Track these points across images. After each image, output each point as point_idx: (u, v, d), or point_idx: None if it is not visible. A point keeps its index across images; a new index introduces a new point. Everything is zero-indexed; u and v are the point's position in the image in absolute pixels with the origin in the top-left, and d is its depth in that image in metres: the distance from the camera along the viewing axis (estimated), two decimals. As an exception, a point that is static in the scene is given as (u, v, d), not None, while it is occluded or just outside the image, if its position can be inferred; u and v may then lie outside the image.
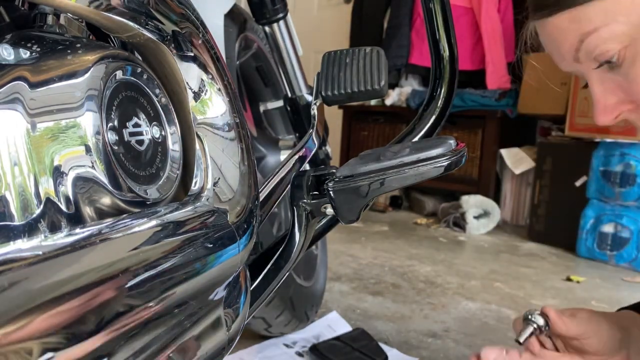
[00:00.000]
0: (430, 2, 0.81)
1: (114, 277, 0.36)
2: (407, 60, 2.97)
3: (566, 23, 0.57)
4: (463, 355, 1.22)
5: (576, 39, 0.57)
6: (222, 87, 0.55)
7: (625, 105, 0.59)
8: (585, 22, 0.55)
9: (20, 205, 0.34)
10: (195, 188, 0.51)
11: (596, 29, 0.55)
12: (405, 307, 1.50)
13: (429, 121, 0.85)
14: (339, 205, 0.55)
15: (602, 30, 0.54)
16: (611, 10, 0.54)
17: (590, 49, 0.56)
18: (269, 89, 1.30)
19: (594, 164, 2.11)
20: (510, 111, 2.70)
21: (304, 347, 1.19)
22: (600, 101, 0.60)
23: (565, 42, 0.59)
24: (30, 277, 0.31)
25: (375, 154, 0.56)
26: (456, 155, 0.52)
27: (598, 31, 0.55)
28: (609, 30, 0.54)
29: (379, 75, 0.70)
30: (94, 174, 0.39)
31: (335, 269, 1.82)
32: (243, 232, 0.53)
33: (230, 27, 1.07)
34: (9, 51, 0.37)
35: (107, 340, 0.36)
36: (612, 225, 2.06)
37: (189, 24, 0.52)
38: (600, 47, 0.55)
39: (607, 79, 0.58)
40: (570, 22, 0.57)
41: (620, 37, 0.54)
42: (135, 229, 0.41)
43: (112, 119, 0.42)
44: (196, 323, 0.47)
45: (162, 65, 0.51)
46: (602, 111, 0.60)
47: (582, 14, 0.55)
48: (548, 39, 0.62)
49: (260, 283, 0.61)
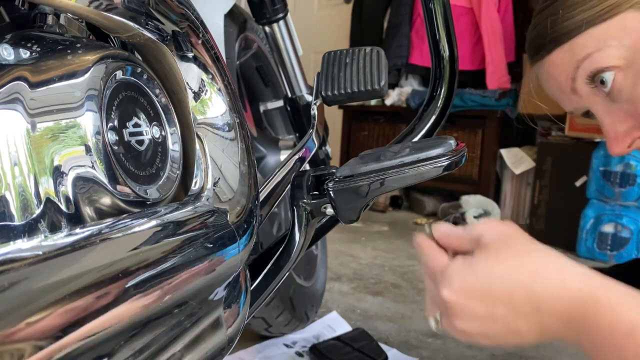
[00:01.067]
0: (430, 2, 0.81)
1: (114, 277, 0.36)
2: (407, 60, 2.97)
3: (561, 57, 0.59)
4: (463, 355, 1.22)
5: (572, 67, 0.59)
6: (222, 87, 0.55)
7: (637, 132, 0.59)
8: (579, 51, 0.57)
9: (20, 205, 0.34)
10: (195, 188, 0.51)
11: (589, 55, 0.57)
12: (405, 307, 1.50)
13: (429, 121, 0.85)
14: (339, 205, 0.55)
15: (596, 55, 0.56)
16: (602, 35, 0.56)
17: (586, 73, 0.58)
18: (269, 89, 1.30)
19: (594, 164, 2.11)
20: (510, 111, 2.70)
21: (304, 347, 1.19)
22: (610, 131, 0.60)
23: (562, 74, 0.60)
24: (30, 277, 0.31)
25: (376, 154, 0.56)
26: (456, 155, 0.52)
27: (592, 56, 0.57)
28: (602, 54, 0.56)
29: (379, 75, 0.70)
30: (94, 174, 0.39)
31: (335, 269, 1.82)
32: (243, 232, 0.53)
33: (230, 27, 1.07)
34: (9, 51, 0.37)
35: (107, 340, 0.36)
36: (612, 225, 2.06)
37: (189, 24, 0.52)
38: (595, 66, 0.57)
39: (614, 109, 0.59)
40: (565, 54, 0.59)
41: (614, 59, 0.56)
42: (135, 229, 0.41)
43: (112, 119, 0.42)
44: (196, 323, 0.47)
45: (162, 65, 0.51)
46: (614, 141, 0.60)
47: (576, 44, 0.57)
48: (547, 78, 0.63)
49: (260, 283, 0.61)
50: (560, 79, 0.61)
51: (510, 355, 1.24)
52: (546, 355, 1.25)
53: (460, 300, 0.46)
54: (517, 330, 0.46)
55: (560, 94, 0.63)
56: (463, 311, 0.47)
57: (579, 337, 0.44)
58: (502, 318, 0.46)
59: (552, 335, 0.46)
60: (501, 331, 0.46)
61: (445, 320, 0.49)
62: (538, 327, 0.45)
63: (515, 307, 0.45)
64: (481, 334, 0.47)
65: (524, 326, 0.45)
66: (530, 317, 0.45)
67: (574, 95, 0.61)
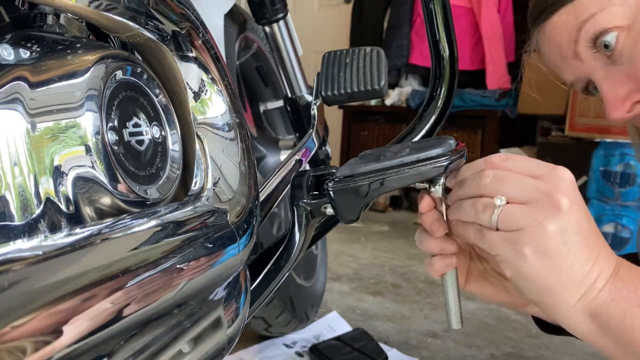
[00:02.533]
0: (430, 2, 0.81)
1: (114, 277, 0.36)
2: (407, 60, 2.97)
3: (564, 18, 0.58)
4: (463, 355, 1.22)
5: (574, 29, 0.57)
6: (222, 87, 0.55)
7: (636, 95, 0.58)
8: (582, 12, 0.56)
9: (20, 205, 0.34)
10: (195, 188, 0.51)
11: (592, 15, 0.55)
12: (405, 307, 1.50)
13: (429, 121, 0.85)
14: (339, 205, 0.55)
15: (599, 15, 0.55)
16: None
17: (588, 35, 0.56)
18: (269, 89, 1.30)
19: (594, 164, 2.10)
20: (510, 111, 2.70)
21: (304, 347, 1.19)
22: (610, 96, 0.59)
23: (564, 37, 0.59)
24: (30, 277, 0.31)
25: (375, 154, 0.56)
26: (456, 155, 0.52)
27: (595, 16, 0.55)
28: (605, 14, 0.55)
29: (379, 75, 0.70)
30: (94, 174, 0.39)
31: (335, 269, 1.82)
32: (243, 232, 0.53)
33: (230, 27, 1.07)
34: (9, 51, 0.37)
35: (107, 340, 0.36)
36: (612, 225, 2.06)
37: (189, 24, 0.52)
38: (598, 28, 0.55)
39: (613, 72, 0.58)
40: (568, 15, 0.57)
41: (617, 18, 0.55)
42: (135, 229, 0.41)
43: (112, 119, 0.42)
44: (196, 323, 0.47)
45: (162, 65, 0.51)
46: (614, 105, 0.59)
47: (579, 4, 0.56)
48: (549, 44, 0.62)
49: (260, 283, 0.61)
50: (563, 43, 0.59)
51: (510, 355, 1.24)
52: (546, 355, 1.25)
53: (575, 205, 0.45)
54: (571, 265, 0.45)
55: (561, 61, 0.61)
56: (567, 216, 0.44)
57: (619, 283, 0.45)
58: (576, 242, 0.45)
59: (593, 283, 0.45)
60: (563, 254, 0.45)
61: (527, 212, 0.45)
62: (591, 268, 0.45)
63: (589, 238, 0.45)
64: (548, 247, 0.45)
65: (579, 262, 0.45)
66: (591, 255, 0.45)
67: (576, 61, 0.59)
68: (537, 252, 0.44)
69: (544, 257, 0.44)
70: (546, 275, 0.45)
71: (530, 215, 0.45)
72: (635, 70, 0.56)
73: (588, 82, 0.62)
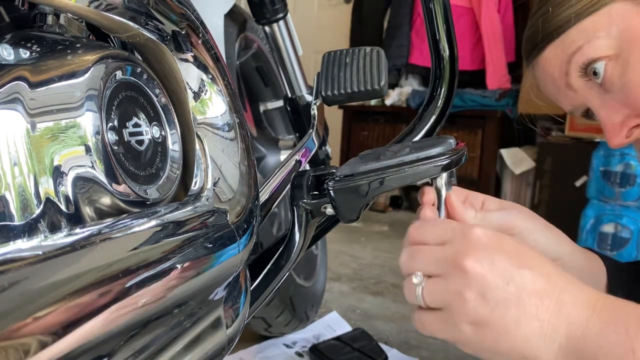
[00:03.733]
0: (430, 2, 0.81)
1: (114, 278, 0.36)
2: (407, 60, 2.97)
3: (554, 52, 0.61)
4: (463, 355, 1.22)
5: (564, 62, 0.60)
6: (222, 87, 0.55)
7: (633, 120, 0.59)
8: (569, 45, 0.59)
9: (20, 205, 0.34)
10: (195, 188, 0.51)
11: (580, 47, 0.58)
12: (405, 307, 1.50)
13: (429, 121, 0.85)
14: (339, 204, 0.55)
15: (585, 47, 0.57)
16: (591, 28, 0.57)
17: (578, 65, 0.59)
18: (269, 89, 1.30)
19: (594, 164, 2.10)
20: (510, 111, 2.70)
21: (304, 347, 1.19)
22: (608, 123, 0.61)
23: (556, 70, 0.61)
24: (30, 277, 0.31)
25: (375, 153, 0.56)
26: (456, 154, 0.52)
27: (582, 48, 0.58)
28: (591, 45, 0.57)
29: (379, 75, 0.70)
30: (93, 174, 0.39)
31: (335, 269, 1.82)
32: (243, 232, 0.53)
33: (230, 27, 1.07)
34: (9, 51, 0.37)
35: (108, 340, 0.36)
36: (612, 225, 2.06)
37: (188, 24, 0.52)
38: (586, 58, 0.58)
39: (607, 100, 0.59)
40: (557, 49, 0.60)
41: (604, 49, 0.57)
42: (135, 229, 0.41)
43: (112, 119, 0.42)
44: (196, 323, 0.47)
45: (162, 65, 0.51)
46: (612, 132, 0.61)
47: (566, 38, 0.59)
48: (543, 76, 0.64)
49: (260, 283, 0.61)
50: (555, 75, 0.61)
51: (511, 355, 1.24)
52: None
53: (487, 261, 0.42)
54: (516, 318, 0.41)
55: (557, 92, 0.63)
56: (481, 277, 0.41)
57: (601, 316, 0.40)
58: (509, 294, 0.41)
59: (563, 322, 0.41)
60: (506, 315, 0.41)
61: (442, 285, 0.43)
62: (552, 316, 0.41)
63: (530, 280, 0.42)
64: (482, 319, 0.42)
65: (525, 311, 0.41)
66: (544, 292, 0.41)
67: (570, 91, 0.61)
68: (473, 323, 0.42)
69: (483, 326, 0.42)
70: (496, 340, 0.42)
71: (448, 288, 0.43)
72: (627, 97, 0.57)
73: (587, 109, 0.64)
